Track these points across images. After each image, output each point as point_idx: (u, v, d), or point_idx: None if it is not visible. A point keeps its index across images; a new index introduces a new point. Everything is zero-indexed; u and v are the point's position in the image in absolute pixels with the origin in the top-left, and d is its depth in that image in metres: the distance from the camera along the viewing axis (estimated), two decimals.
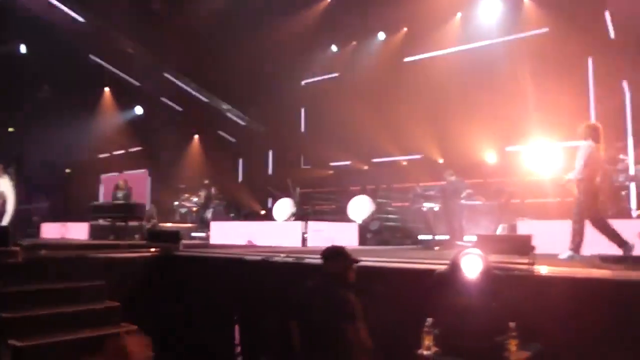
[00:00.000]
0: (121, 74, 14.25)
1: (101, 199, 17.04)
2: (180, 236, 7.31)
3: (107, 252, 6.79)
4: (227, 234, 11.44)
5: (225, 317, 5.71)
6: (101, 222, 13.78)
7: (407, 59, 13.73)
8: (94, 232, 13.05)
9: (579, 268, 4.61)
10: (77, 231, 14.11)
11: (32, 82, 15.61)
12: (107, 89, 17.90)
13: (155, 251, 6.94)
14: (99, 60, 13.62)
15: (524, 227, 7.65)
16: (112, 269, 6.10)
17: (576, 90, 10.59)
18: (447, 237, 9.13)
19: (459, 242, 8.36)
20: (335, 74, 15.16)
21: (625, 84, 10.27)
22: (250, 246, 9.95)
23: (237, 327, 5.78)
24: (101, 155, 21.08)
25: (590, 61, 10.97)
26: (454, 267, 3.72)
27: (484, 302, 3.51)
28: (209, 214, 13.58)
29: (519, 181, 10.46)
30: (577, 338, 3.43)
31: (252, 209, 14.68)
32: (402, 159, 13.77)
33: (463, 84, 12.65)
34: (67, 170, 21.09)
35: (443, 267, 4.14)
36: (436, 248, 8.59)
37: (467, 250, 3.88)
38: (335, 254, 3.91)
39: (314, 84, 15.86)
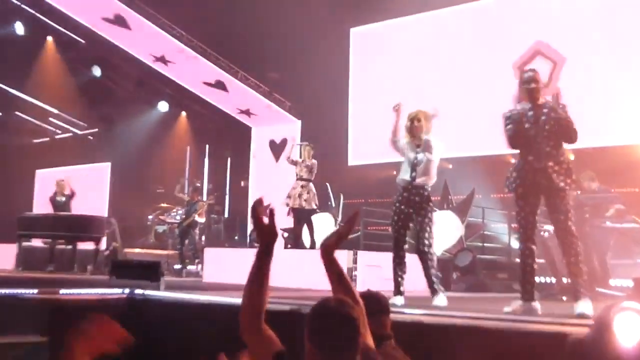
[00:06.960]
0: (74, 16, 14.57)
1: (36, 207, 17.37)
2: (161, 270, 7.41)
3: (49, 291, 6.93)
4: (229, 267, 11.53)
5: None
6: (35, 243, 14.11)
7: None
8: (24, 259, 13.31)
9: None
10: None
11: None
12: (50, 38, 18.23)
13: (122, 292, 7.06)
14: None
15: None
16: (58, 318, 6.23)
17: None
18: None
19: (603, 290, 8.24)
20: (401, 18, 15.11)
21: None
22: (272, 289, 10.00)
23: None
24: (37, 140, 21.55)
25: None
26: (601, 330, 3.70)
27: None
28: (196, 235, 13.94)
29: None
30: None
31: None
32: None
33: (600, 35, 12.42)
34: None
35: (582, 330, 4.10)
36: (564, 298, 8.48)
37: (620, 303, 3.84)
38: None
39: (365, 34, 15.85)
